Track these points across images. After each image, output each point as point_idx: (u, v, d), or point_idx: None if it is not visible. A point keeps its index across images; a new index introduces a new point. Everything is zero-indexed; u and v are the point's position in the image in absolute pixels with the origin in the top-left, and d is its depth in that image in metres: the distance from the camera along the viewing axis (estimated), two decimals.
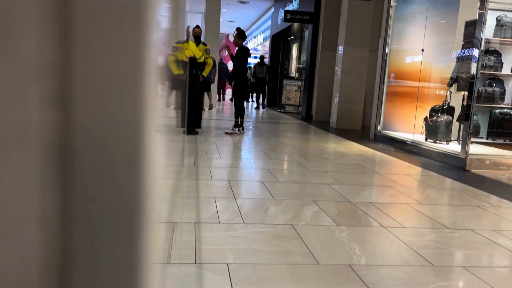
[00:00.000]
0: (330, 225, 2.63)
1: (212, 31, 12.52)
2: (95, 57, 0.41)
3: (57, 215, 0.42)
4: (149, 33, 0.42)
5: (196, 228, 2.43)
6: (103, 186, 0.43)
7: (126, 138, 0.42)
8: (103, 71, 0.41)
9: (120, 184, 0.43)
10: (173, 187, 3.39)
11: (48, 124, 0.40)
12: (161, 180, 2.03)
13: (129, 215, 0.44)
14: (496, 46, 5.80)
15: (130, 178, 0.43)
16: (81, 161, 0.42)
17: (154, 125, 0.46)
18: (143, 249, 0.45)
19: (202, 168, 4.14)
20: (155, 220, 0.48)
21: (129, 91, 0.42)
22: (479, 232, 2.66)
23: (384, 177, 4.35)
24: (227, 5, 16.44)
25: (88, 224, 0.43)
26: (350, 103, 8.90)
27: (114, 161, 0.42)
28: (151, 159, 0.45)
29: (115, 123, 0.42)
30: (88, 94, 0.41)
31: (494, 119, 5.84)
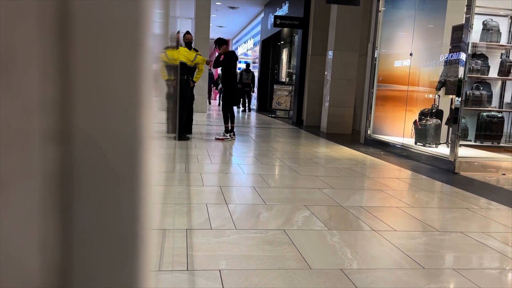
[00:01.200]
0: (321, 230, 2.64)
1: (202, 37, 12.53)
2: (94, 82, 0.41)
3: (58, 237, 0.42)
4: (146, 41, 0.43)
5: (188, 235, 2.42)
6: (103, 209, 0.43)
7: (124, 146, 0.43)
8: (102, 97, 0.42)
9: (119, 193, 0.44)
10: (165, 194, 3.37)
11: (49, 153, 0.40)
12: (155, 187, 2.02)
13: (127, 224, 0.44)
14: (483, 50, 5.89)
15: (129, 187, 0.44)
16: (80, 185, 0.42)
17: (150, 132, 0.46)
18: (140, 258, 0.45)
19: (193, 174, 4.13)
20: (150, 227, 0.48)
21: (126, 100, 0.43)
22: (468, 234, 2.69)
23: (375, 181, 4.38)
24: (217, 10, 16.47)
25: (89, 245, 0.43)
26: (340, 107, 8.96)
27: (113, 173, 0.43)
28: (148, 166, 0.46)
29: (113, 135, 0.42)
30: (89, 119, 0.42)
31: (482, 122, 5.92)
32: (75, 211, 0.42)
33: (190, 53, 6.57)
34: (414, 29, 6.62)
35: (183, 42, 6.76)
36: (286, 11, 12.35)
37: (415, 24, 6.61)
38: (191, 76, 6.70)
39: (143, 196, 0.45)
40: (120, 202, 0.44)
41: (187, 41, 6.77)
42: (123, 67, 0.42)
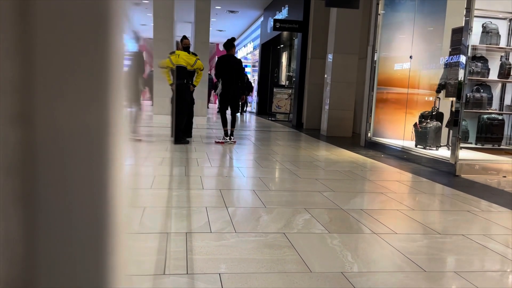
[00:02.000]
0: (322, 233, 2.62)
1: (202, 41, 12.57)
2: (57, 70, 0.41)
3: (21, 229, 0.41)
4: (113, 42, 0.42)
5: (187, 238, 2.41)
6: (67, 199, 0.42)
7: (91, 148, 0.42)
8: (65, 84, 0.41)
9: (85, 195, 0.43)
10: (162, 197, 3.36)
11: (10, 141, 0.40)
12: (134, 190, 2.00)
13: (94, 226, 0.43)
14: (483, 53, 5.89)
15: (94, 188, 0.43)
16: (44, 175, 0.41)
17: (121, 135, 0.45)
18: (109, 261, 0.44)
19: (193, 177, 4.12)
20: (124, 230, 0.47)
21: (94, 99, 0.42)
22: (470, 237, 2.67)
23: (375, 183, 4.37)
24: (217, 14, 16.52)
25: (53, 237, 0.42)
26: (340, 110, 8.96)
27: (78, 171, 0.42)
28: (117, 168, 0.45)
29: (80, 132, 0.42)
30: (51, 107, 0.41)
31: (483, 125, 5.91)
32: (37, 200, 0.41)
33: (190, 57, 6.57)
34: (413, 31, 6.62)
35: (180, 46, 6.76)
36: (285, 15, 12.38)
37: (414, 27, 6.62)
38: (191, 80, 6.69)
39: (111, 198, 0.44)
40: (83, 191, 0.43)
41: (185, 46, 6.77)
42: (87, 57, 0.41)
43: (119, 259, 0.46)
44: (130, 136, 1.62)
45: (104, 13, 0.41)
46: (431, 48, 6.59)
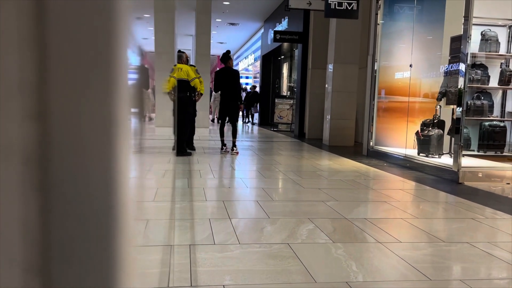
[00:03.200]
0: (326, 243, 2.62)
1: (203, 53, 12.67)
2: (69, 72, 0.43)
3: (38, 216, 0.43)
4: (120, 56, 0.44)
5: (191, 250, 2.41)
6: (74, 211, 0.44)
7: (97, 160, 0.44)
8: (75, 89, 0.43)
9: (91, 208, 0.44)
10: (165, 210, 3.37)
11: (28, 139, 0.42)
12: (141, 203, 2.00)
13: (100, 239, 0.45)
14: (482, 60, 5.91)
15: (100, 202, 0.45)
16: (57, 167, 0.44)
17: (127, 148, 0.47)
18: (114, 272, 0.45)
19: (196, 189, 4.12)
20: (130, 243, 0.49)
21: (100, 112, 0.44)
22: (475, 245, 2.66)
23: (379, 192, 4.36)
24: (217, 27, 16.66)
25: (66, 214, 0.44)
26: (341, 119, 8.97)
27: (87, 165, 0.44)
28: (123, 181, 0.46)
29: (88, 130, 0.44)
30: (63, 107, 0.43)
31: (484, 132, 5.91)
32: (53, 189, 0.43)
33: (191, 72, 6.63)
34: (413, 40, 6.66)
35: (185, 60, 6.81)
36: (285, 26, 12.48)
37: (414, 36, 6.66)
38: (193, 93, 6.72)
39: (117, 211, 0.46)
40: (95, 183, 0.45)
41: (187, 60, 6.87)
42: (97, 59, 0.44)
43: (127, 249, 0.48)
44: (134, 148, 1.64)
45: (111, 14, 0.43)
46: (431, 56, 6.62)
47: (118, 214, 0.46)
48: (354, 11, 7.33)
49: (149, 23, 13.86)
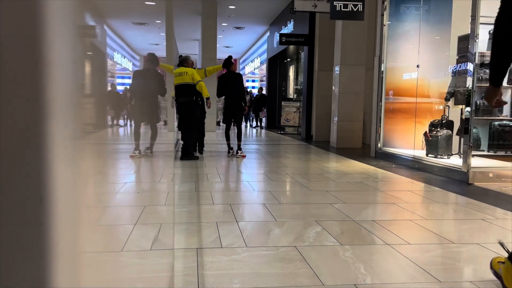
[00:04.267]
0: (334, 245, 2.60)
1: (210, 57, 12.70)
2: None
3: None
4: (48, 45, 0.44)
5: (198, 253, 2.40)
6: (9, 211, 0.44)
7: (29, 160, 0.44)
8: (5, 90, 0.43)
9: (23, 211, 0.44)
10: (172, 213, 3.37)
11: None
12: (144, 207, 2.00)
13: (30, 243, 0.44)
14: None
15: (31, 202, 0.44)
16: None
17: (62, 149, 0.46)
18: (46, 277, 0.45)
19: (203, 192, 4.12)
20: (75, 250, 0.48)
21: (29, 92, 0.43)
22: (485, 246, 2.62)
23: (387, 194, 4.32)
24: (223, 31, 16.71)
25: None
26: (349, 121, 8.93)
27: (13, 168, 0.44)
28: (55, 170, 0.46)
29: (15, 134, 0.43)
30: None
31: (494, 131, 5.84)
32: None
33: (196, 74, 6.55)
34: (420, 41, 6.62)
35: (190, 63, 6.79)
36: (291, 29, 12.48)
37: (420, 36, 6.61)
38: (200, 96, 6.62)
39: (55, 213, 0.45)
40: (27, 184, 0.44)
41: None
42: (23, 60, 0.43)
43: (63, 256, 0.47)
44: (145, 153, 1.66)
45: (39, 16, 0.43)
46: (439, 56, 6.57)
47: (51, 218, 0.45)
48: (359, 13, 7.30)
49: (161, 29, 13.94)
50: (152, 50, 18.29)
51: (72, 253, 0.52)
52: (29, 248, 0.44)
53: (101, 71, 0.64)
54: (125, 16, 2.09)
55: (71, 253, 0.52)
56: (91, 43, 0.58)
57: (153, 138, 2.37)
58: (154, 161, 2.28)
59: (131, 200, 2.68)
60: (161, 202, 3.70)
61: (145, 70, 1.49)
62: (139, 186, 2.88)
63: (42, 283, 0.45)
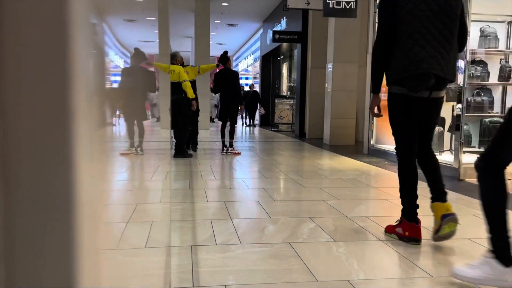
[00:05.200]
0: (327, 241, 2.62)
1: (203, 55, 12.67)
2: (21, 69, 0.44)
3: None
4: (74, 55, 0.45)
5: (192, 251, 2.41)
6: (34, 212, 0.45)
7: (55, 161, 0.45)
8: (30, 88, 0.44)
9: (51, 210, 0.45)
10: (166, 211, 3.37)
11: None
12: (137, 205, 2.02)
13: (59, 240, 0.45)
14: (482, 56, 5.91)
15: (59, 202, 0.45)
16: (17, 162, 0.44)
17: (87, 149, 0.47)
18: (74, 275, 0.46)
19: (197, 190, 4.13)
20: (98, 246, 0.49)
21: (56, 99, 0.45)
22: (476, 241, 2.66)
23: (380, 190, 4.36)
24: (216, 28, 16.67)
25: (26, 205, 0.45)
26: (342, 118, 8.97)
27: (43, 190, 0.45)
28: (81, 182, 0.47)
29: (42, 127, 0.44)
30: (19, 111, 0.44)
31: (485, 128, 5.90)
32: (12, 190, 0.44)
33: (182, 73, 6.42)
34: None
35: (180, 60, 6.70)
36: (284, 26, 12.48)
37: None
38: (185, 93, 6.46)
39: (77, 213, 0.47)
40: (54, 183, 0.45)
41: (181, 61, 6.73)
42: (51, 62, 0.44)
43: (85, 272, 0.48)
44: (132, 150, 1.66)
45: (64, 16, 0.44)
46: None
47: (77, 216, 0.46)
48: (352, 10, 7.33)
49: (154, 26, 13.86)
50: (145, 47, 18.19)
51: (94, 250, 0.54)
52: (54, 245, 0.45)
53: (102, 69, 0.65)
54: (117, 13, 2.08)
55: (93, 250, 0.53)
56: (96, 42, 0.59)
57: (140, 135, 2.36)
58: (147, 159, 2.28)
59: (124, 198, 2.68)
60: (156, 199, 3.70)
61: (131, 67, 1.48)
62: (133, 184, 2.88)
63: (68, 281, 0.46)
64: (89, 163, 0.50)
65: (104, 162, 0.68)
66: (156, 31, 3.00)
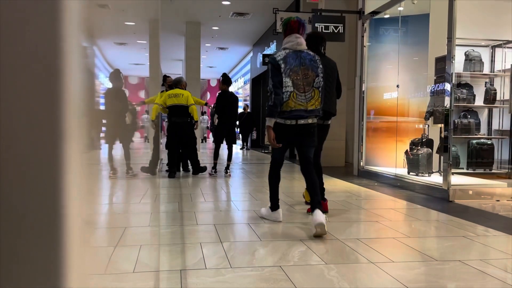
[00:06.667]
0: (318, 264, 2.59)
1: (194, 77, 12.76)
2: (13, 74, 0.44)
3: None
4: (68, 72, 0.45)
5: (182, 275, 2.37)
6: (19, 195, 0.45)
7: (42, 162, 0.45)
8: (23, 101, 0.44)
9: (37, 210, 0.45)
10: (155, 235, 3.32)
11: None
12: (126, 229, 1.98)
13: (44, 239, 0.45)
14: (467, 79, 6.04)
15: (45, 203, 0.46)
16: None
17: (73, 150, 0.48)
18: (60, 273, 0.46)
19: (187, 213, 4.08)
20: (86, 271, 0.49)
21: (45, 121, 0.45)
22: (467, 263, 2.66)
23: (370, 212, 4.35)
24: (207, 51, 16.85)
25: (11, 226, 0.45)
26: (331, 140, 8.97)
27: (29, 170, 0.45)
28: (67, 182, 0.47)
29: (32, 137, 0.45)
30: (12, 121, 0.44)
31: (472, 150, 5.98)
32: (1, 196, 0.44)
33: (190, 97, 6.81)
34: (399, 62, 6.79)
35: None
36: (274, 49, 12.66)
37: (399, 57, 6.79)
38: (192, 118, 6.84)
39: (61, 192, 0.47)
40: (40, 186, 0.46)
41: (170, 84, 6.97)
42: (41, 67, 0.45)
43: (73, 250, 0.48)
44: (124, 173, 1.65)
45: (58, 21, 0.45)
46: (417, 77, 6.74)
47: (63, 215, 0.46)
48: (340, 34, 7.47)
49: (145, 49, 13.96)
50: (135, 69, 18.26)
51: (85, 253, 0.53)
52: None
53: (92, 92, 0.66)
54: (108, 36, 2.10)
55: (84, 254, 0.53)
56: (87, 64, 0.60)
57: (127, 158, 2.35)
58: (136, 181, 2.26)
59: (113, 221, 2.64)
60: (145, 223, 3.65)
61: (110, 89, 1.50)
62: (121, 207, 2.84)
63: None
64: (79, 187, 0.50)
65: (93, 185, 0.68)
66: (147, 54, 3.02)
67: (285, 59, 3.49)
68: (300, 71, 3.47)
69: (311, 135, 3.61)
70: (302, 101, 3.45)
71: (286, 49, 3.58)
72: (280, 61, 3.48)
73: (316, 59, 3.61)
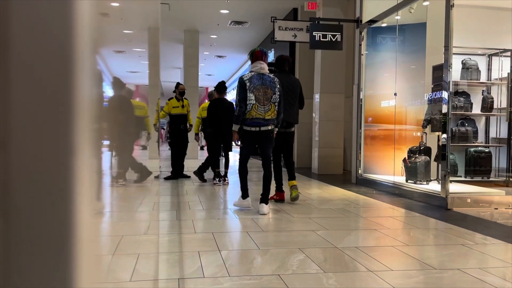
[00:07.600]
0: (317, 273, 2.58)
1: (192, 85, 12.78)
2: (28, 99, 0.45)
3: None
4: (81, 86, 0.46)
5: (180, 284, 2.35)
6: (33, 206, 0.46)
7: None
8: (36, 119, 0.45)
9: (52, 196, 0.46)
10: (153, 243, 3.30)
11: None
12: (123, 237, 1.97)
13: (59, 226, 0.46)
14: (465, 88, 6.08)
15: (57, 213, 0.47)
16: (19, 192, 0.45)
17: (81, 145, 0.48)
18: (72, 258, 0.47)
19: (184, 221, 4.07)
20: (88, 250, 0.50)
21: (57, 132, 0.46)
22: (466, 271, 2.65)
23: (369, 220, 4.35)
24: (205, 60, 16.90)
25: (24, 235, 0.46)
26: (330, 148, 9.03)
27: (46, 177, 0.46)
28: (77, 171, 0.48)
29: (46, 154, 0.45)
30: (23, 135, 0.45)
31: (470, 157, 6.00)
32: (13, 212, 0.44)
33: (187, 105, 7.44)
34: (396, 70, 6.83)
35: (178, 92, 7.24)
36: (272, 58, 12.71)
37: (397, 65, 6.83)
38: (188, 125, 7.44)
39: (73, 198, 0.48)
40: (53, 203, 0.47)
41: (181, 91, 7.33)
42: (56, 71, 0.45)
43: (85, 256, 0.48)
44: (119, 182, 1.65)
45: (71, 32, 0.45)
46: (415, 85, 6.78)
47: (75, 223, 0.47)
48: (338, 43, 7.51)
49: (142, 57, 14.01)
50: (133, 77, 18.34)
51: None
52: None
53: (100, 101, 0.67)
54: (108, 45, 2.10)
55: None
56: (96, 73, 0.61)
57: (136, 166, 2.35)
58: (133, 189, 2.26)
59: (111, 229, 2.62)
60: (143, 231, 3.63)
61: (113, 97, 1.51)
62: (119, 215, 2.83)
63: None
64: (87, 196, 0.51)
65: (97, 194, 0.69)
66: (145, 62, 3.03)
67: (250, 79, 4.51)
68: (261, 89, 4.47)
69: (270, 138, 4.59)
70: (261, 111, 4.43)
71: (252, 72, 4.64)
72: (246, 81, 4.48)
73: (275, 80, 4.64)
